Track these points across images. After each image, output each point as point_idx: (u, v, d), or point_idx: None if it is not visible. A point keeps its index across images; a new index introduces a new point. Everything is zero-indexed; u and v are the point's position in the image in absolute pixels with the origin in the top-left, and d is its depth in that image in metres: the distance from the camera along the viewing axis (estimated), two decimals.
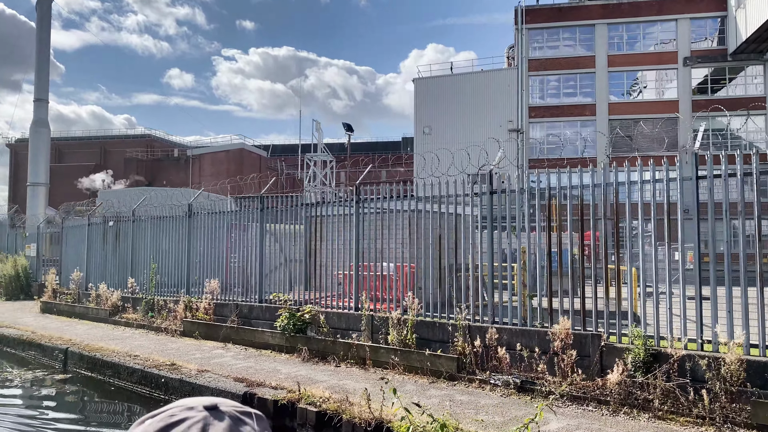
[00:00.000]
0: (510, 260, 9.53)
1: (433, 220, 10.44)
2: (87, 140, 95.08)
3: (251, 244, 13.66)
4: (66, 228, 20.26)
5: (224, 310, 13.45)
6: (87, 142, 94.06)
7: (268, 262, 13.55)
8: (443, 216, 10.23)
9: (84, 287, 18.46)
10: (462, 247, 9.80)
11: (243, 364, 10.55)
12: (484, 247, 9.65)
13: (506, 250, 9.52)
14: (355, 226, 11.37)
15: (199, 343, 12.74)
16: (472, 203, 9.69)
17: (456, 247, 9.97)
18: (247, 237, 13.84)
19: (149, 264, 16.13)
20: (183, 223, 15.14)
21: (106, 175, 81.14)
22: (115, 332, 14.67)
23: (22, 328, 15.62)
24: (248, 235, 13.83)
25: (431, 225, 10.36)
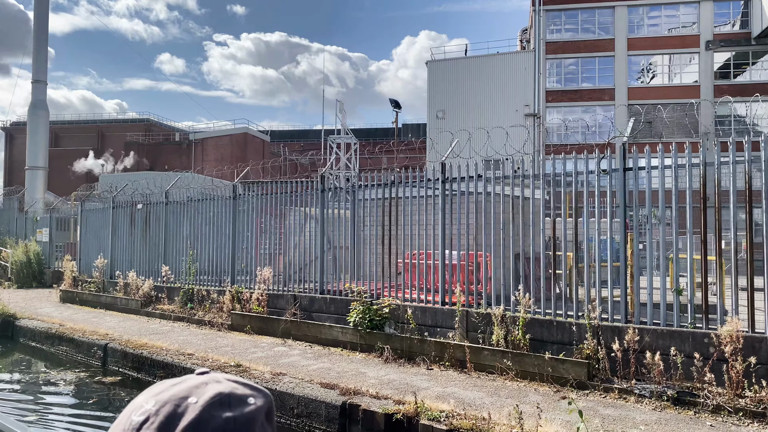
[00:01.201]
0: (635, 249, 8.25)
1: (543, 203, 9.14)
2: (83, 124, 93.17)
3: (310, 229, 12.32)
4: (86, 212, 18.82)
5: (279, 302, 12.13)
6: (83, 125, 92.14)
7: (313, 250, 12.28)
8: (558, 196, 8.92)
9: (109, 275, 17.09)
10: (585, 234, 8.49)
11: (317, 365, 9.25)
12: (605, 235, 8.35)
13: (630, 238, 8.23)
14: (441, 208, 10.04)
15: (253, 339, 11.43)
16: (594, 182, 8.38)
17: (576, 234, 8.65)
18: (292, 222, 12.54)
19: (185, 250, 14.78)
20: (227, 205, 13.76)
21: (106, 157, 79.44)
22: (152, 325, 13.34)
23: (47, 319, 14.28)
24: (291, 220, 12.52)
25: (539, 209, 9.05)
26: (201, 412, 0.79)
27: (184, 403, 0.80)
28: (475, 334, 9.03)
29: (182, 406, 0.79)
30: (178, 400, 0.80)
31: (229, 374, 0.89)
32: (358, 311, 10.07)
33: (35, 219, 24.61)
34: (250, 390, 0.86)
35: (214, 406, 0.80)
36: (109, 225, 17.31)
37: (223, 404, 0.81)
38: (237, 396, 0.83)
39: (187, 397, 0.81)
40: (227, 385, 0.84)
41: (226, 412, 0.80)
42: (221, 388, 0.83)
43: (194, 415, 0.78)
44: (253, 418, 0.82)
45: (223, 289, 13.34)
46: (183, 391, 0.82)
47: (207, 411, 0.79)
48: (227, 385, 0.84)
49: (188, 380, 0.85)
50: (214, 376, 0.86)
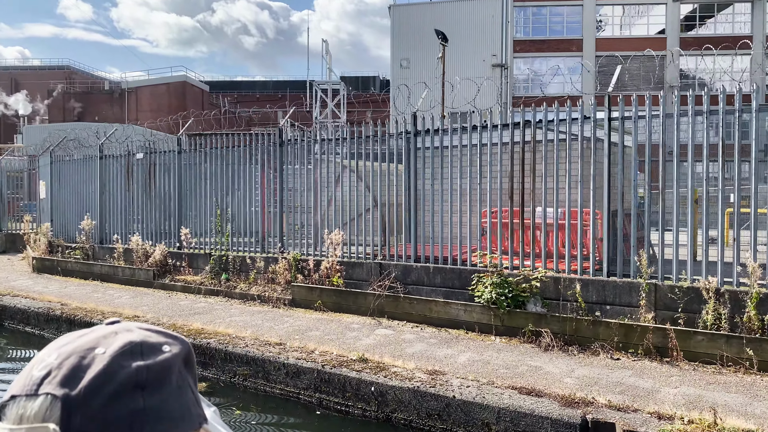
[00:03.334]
0: None
1: None
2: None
3: (349, 183, 10.01)
4: (58, 164, 15.54)
5: (356, 271, 9.82)
6: None
7: (353, 207, 10.08)
8: None
9: (98, 239, 14.13)
10: None
11: (463, 356, 7.13)
12: None
13: None
14: (584, 157, 7.97)
15: (333, 319, 9.14)
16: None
17: None
18: (326, 174, 10.17)
19: (209, 208, 12.09)
20: (271, 153, 11.14)
21: (23, 98, 72.23)
22: (182, 302, 10.76)
23: (37, 296, 11.40)
24: (324, 172, 10.15)
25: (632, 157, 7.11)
26: (109, 362, 0.71)
27: (91, 355, 0.72)
28: (665, 313, 7.14)
29: (88, 357, 0.71)
30: (84, 352, 0.72)
31: (142, 323, 0.80)
32: (491, 285, 7.97)
33: None
34: (164, 337, 0.78)
35: (125, 356, 0.72)
36: (95, 179, 14.22)
37: (134, 353, 0.73)
38: (150, 344, 0.75)
39: (94, 348, 0.73)
40: (139, 334, 0.76)
41: (138, 361, 0.72)
42: (132, 337, 0.75)
43: (101, 366, 0.70)
44: (168, 367, 0.74)
45: (273, 256, 10.87)
46: (90, 342, 0.74)
47: (116, 361, 0.71)
48: (139, 334, 0.76)
49: (96, 331, 0.77)
50: (126, 325, 0.79)
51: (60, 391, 0.69)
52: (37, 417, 0.68)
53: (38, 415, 0.68)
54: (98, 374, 0.69)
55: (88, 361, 0.71)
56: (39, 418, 0.68)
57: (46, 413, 0.68)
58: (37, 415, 0.68)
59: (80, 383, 0.69)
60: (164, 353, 0.75)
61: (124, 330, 0.77)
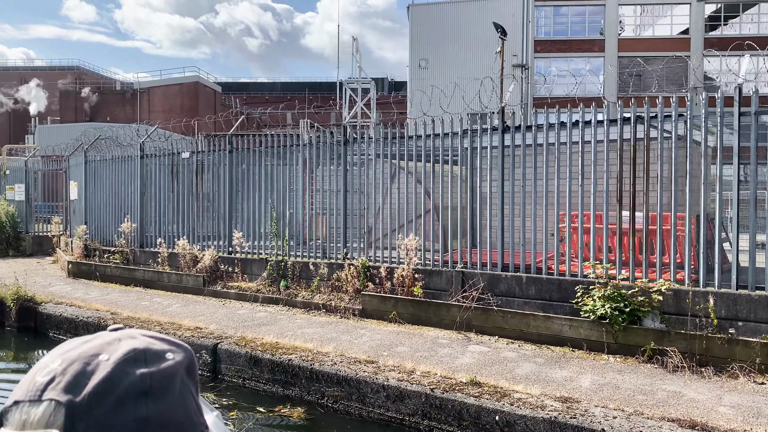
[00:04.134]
0: None
1: None
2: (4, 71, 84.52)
3: (405, 185, 9.24)
4: (93, 163, 14.82)
5: (434, 280, 9.05)
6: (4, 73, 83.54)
7: (408, 211, 9.24)
8: None
9: (139, 243, 13.39)
10: None
11: (586, 380, 6.36)
12: None
13: None
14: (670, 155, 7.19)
15: (413, 332, 8.38)
16: None
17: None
18: (380, 175, 9.43)
19: (264, 211, 11.33)
20: (336, 152, 10.39)
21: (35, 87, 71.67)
22: (240, 311, 10.01)
23: (81, 304, 10.67)
24: (377, 172, 9.40)
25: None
26: (113, 369, 0.71)
27: (95, 361, 0.71)
28: None
29: (92, 364, 0.71)
30: (88, 358, 0.72)
31: (145, 330, 0.81)
32: (601, 298, 7.20)
33: (3, 173, 20.13)
34: (168, 345, 0.77)
35: (128, 363, 0.72)
36: (134, 180, 13.49)
37: (138, 360, 0.72)
38: (153, 351, 0.75)
39: (98, 355, 0.72)
40: (143, 341, 0.76)
41: (142, 368, 0.72)
42: (136, 344, 0.75)
43: (105, 372, 0.70)
44: (172, 374, 0.74)
45: (337, 263, 10.12)
46: (94, 348, 0.74)
47: (120, 368, 0.71)
48: (143, 341, 0.76)
49: (100, 337, 0.77)
50: (129, 332, 0.79)
51: (64, 397, 0.68)
52: (41, 423, 0.67)
53: (41, 421, 0.67)
54: (102, 381, 0.69)
55: (92, 368, 0.70)
56: (42, 424, 0.67)
57: (49, 419, 0.67)
58: (41, 421, 0.67)
59: (84, 390, 0.68)
60: (168, 361, 0.74)
61: (128, 337, 0.76)
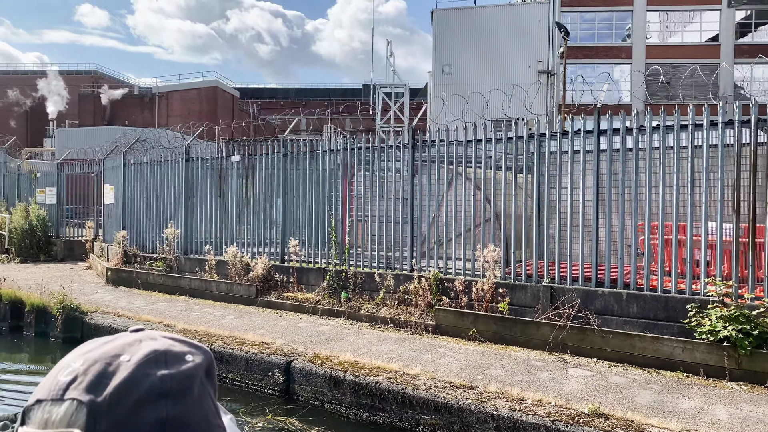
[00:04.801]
0: None
1: None
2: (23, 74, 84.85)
3: (463, 192, 8.56)
4: (132, 166, 14.29)
5: (517, 295, 8.37)
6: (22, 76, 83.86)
7: (467, 219, 8.56)
8: None
9: (183, 250, 12.81)
10: None
11: (721, 412, 5.66)
12: None
13: None
14: None
15: (499, 352, 7.70)
16: None
17: None
18: (434, 181, 8.77)
19: (321, 217, 10.71)
20: (400, 158, 9.76)
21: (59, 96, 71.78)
22: (301, 324, 9.37)
23: (131, 314, 10.08)
24: (428, 179, 8.74)
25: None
26: (134, 370, 0.71)
27: (116, 362, 0.72)
28: None
29: (113, 364, 0.72)
30: (110, 359, 0.72)
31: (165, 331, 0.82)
32: (721, 318, 6.50)
33: (34, 175, 19.67)
34: (188, 347, 0.78)
35: (149, 364, 0.72)
36: (179, 184, 12.92)
37: (158, 362, 0.73)
38: (174, 353, 0.75)
39: (119, 355, 0.73)
40: (163, 342, 0.76)
41: (162, 369, 0.72)
42: (157, 345, 0.75)
43: (126, 373, 0.71)
44: (191, 376, 0.74)
45: (404, 274, 9.47)
46: (115, 349, 0.74)
47: (141, 369, 0.71)
48: (163, 342, 0.76)
49: (121, 338, 0.77)
50: (150, 333, 0.79)
51: (86, 396, 0.68)
52: (63, 422, 0.68)
53: (63, 420, 0.68)
54: (123, 381, 0.69)
55: (113, 368, 0.71)
56: (64, 423, 0.68)
57: (71, 418, 0.67)
58: (63, 420, 0.68)
59: (106, 390, 0.69)
60: (188, 363, 0.74)
61: (148, 338, 0.76)
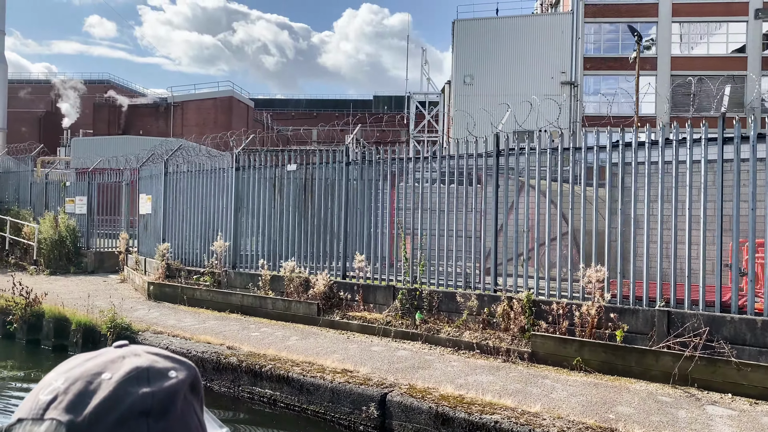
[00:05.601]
0: None
1: None
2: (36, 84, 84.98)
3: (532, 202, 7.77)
4: (173, 174, 13.57)
5: (627, 320, 7.55)
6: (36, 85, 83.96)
7: (541, 232, 7.77)
8: None
9: (231, 264, 12.04)
10: None
11: None
12: None
13: None
14: None
15: (614, 385, 6.88)
16: None
17: None
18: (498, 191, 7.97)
19: (386, 231, 9.93)
20: (483, 167, 8.99)
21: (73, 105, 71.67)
22: (375, 348, 8.56)
23: (188, 335, 9.30)
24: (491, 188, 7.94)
25: None
26: (115, 388, 0.71)
27: (97, 380, 0.72)
28: None
29: (95, 383, 0.72)
30: (91, 377, 0.72)
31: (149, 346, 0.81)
32: None
33: (63, 184, 19.00)
34: (171, 363, 0.77)
35: (131, 382, 0.72)
36: (227, 193, 12.18)
37: (140, 379, 0.73)
38: (156, 370, 0.75)
39: (100, 373, 0.73)
40: (146, 359, 0.76)
41: (144, 387, 0.72)
42: (139, 362, 0.75)
43: (107, 392, 0.71)
44: (174, 392, 0.73)
45: (491, 295, 8.67)
46: (97, 366, 0.74)
47: (122, 387, 0.71)
48: (146, 359, 0.76)
49: (104, 354, 0.77)
50: (133, 349, 0.79)
51: (65, 416, 0.68)
52: None
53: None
54: (103, 400, 0.69)
55: (94, 387, 0.70)
56: None
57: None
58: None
59: (85, 409, 0.68)
60: (171, 379, 0.74)
61: (132, 354, 0.76)
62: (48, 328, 10.16)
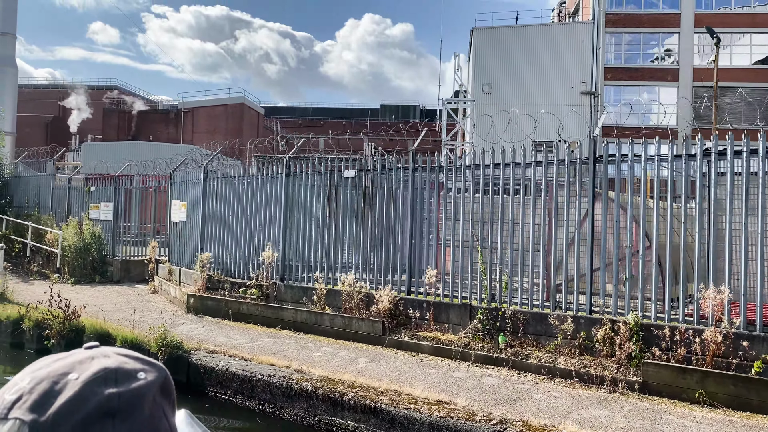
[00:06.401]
0: None
1: None
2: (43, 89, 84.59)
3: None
4: (215, 180, 12.77)
5: (756, 348, 6.72)
6: (43, 90, 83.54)
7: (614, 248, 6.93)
8: None
9: (280, 275, 11.21)
10: None
11: None
12: None
13: None
14: None
15: (753, 424, 6.05)
16: None
17: None
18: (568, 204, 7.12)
19: (461, 243, 9.11)
20: (574, 174, 8.19)
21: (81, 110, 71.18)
22: (458, 374, 7.71)
23: (246, 355, 8.45)
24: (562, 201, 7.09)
25: None
26: (81, 388, 0.69)
27: (63, 380, 0.70)
28: None
29: (60, 383, 0.70)
30: (57, 377, 0.71)
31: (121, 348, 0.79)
32: None
33: (87, 189, 18.22)
34: (141, 364, 0.75)
35: (97, 382, 0.70)
36: (276, 201, 11.37)
37: (107, 380, 0.71)
38: (125, 371, 0.73)
39: (67, 374, 0.71)
40: (115, 360, 0.74)
41: (111, 388, 0.70)
42: (108, 363, 0.73)
43: (72, 392, 0.69)
44: (141, 395, 0.72)
45: (586, 316, 7.84)
46: (64, 366, 0.72)
47: (88, 387, 0.70)
48: (115, 360, 0.74)
49: (73, 355, 0.75)
50: (103, 350, 0.77)
51: (29, 416, 0.67)
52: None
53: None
54: (68, 401, 0.68)
55: (60, 387, 0.69)
56: None
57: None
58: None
59: (50, 409, 0.67)
60: (139, 380, 0.72)
61: (101, 355, 0.74)
62: None
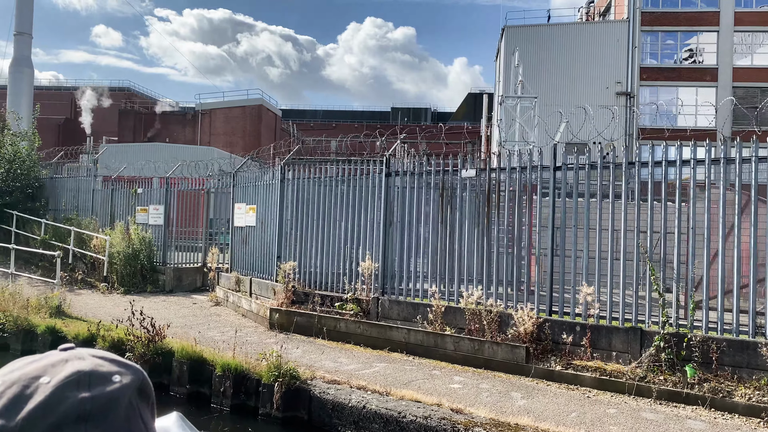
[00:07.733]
0: None
1: None
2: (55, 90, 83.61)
3: None
4: (298, 182, 11.39)
5: None
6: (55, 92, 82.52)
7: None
8: None
9: (381, 289, 9.84)
10: None
11: None
12: None
13: None
14: None
15: None
16: None
17: None
18: None
19: (625, 253, 7.71)
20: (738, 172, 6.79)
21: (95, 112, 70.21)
22: (646, 414, 6.31)
23: (382, 388, 7.08)
24: None
25: None
26: (52, 392, 0.67)
27: (35, 384, 0.69)
28: None
29: (32, 386, 0.68)
30: (28, 381, 0.69)
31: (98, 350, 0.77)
32: None
33: (134, 191, 16.88)
34: (116, 367, 0.73)
35: (69, 386, 0.68)
36: (373, 204, 10.01)
37: (80, 383, 0.69)
38: (99, 374, 0.71)
39: (39, 377, 0.70)
40: (90, 362, 0.72)
41: (84, 392, 0.68)
42: (81, 366, 0.71)
43: (43, 396, 0.67)
44: (115, 398, 0.69)
45: None
46: (36, 370, 0.71)
47: (60, 391, 0.68)
48: (90, 362, 0.72)
49: (47, 357, 0.73)
50: (78, 352, 0.74)
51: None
52: None
53: None
54: (39, 405, 0.66)
55: (30, 391, 0.68)
56: None
57: None
58: None
59: (19, 414, 0.66)
60: (113, 384, 0.71)
61: (76, 358, 0.73)
62: (180, 372, 7.97)
